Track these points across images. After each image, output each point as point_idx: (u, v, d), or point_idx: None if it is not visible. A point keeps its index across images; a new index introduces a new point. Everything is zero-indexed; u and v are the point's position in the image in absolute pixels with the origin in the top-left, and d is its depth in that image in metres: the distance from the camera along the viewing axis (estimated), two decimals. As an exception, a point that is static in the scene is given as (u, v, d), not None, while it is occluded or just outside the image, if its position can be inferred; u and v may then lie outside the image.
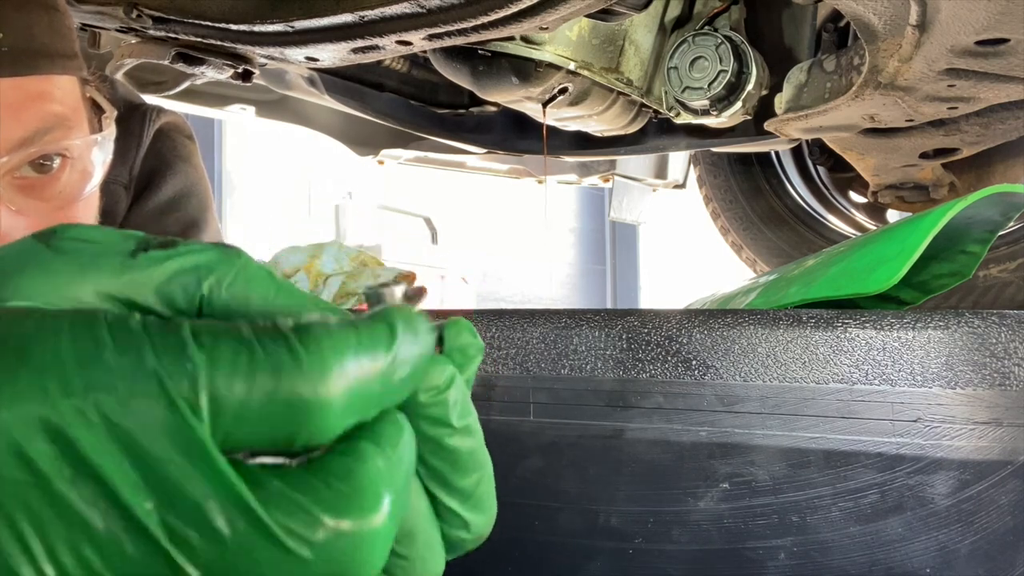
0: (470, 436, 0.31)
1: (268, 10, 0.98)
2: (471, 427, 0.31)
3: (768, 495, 0.57)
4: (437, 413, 0.30)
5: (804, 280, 0.77)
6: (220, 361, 0.23)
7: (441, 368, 0.30)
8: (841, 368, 0.56)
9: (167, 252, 0.26)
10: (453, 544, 0.32)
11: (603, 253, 8.61)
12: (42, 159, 0.60)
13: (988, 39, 0.91)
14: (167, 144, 0.90)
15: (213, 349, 0.23)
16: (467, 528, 0.32)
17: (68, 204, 0.63)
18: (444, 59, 1.33)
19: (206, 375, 0.23)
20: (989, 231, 0.75)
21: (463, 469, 0.31)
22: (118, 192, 0.84)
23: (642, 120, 1.52)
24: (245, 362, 0.23)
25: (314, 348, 0.24)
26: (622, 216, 2.29)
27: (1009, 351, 0.53)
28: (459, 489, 0.31)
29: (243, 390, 0.23)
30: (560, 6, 0.87)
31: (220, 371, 0.23)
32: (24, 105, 0.58)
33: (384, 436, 0.26)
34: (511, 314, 0.66)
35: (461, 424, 0.31)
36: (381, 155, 2.06)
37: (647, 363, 0.60)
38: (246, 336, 0.23)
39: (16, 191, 0.59)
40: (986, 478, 0.53)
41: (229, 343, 0.23)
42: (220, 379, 0.23)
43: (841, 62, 1.17)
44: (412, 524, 0.30)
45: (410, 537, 0.30)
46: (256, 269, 0.27)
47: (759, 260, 2.10)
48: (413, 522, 0.30)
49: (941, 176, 1.58)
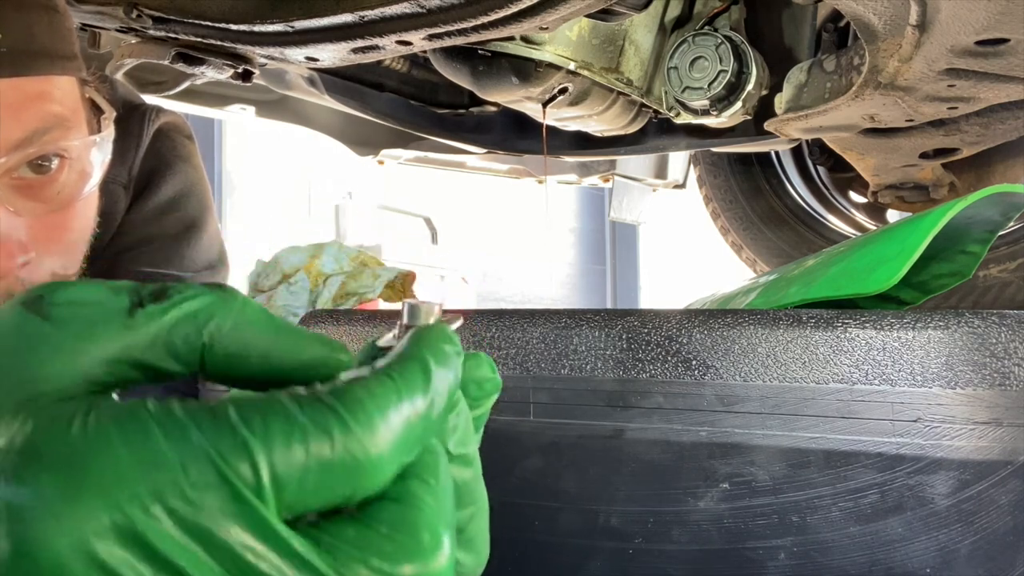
0: (467, 467, 0.31)
1: (268, 10, 0.98)
2: (469, 457, 0.31)
3: (768, 495, 0.57)
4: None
5: (804, 280, 0.77)
6: (274, 441, 0.23)
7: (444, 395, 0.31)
8: (841, 368, 0.56)
9: (162, 305, 0.26)
10: None
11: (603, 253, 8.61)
12: (40, 159, 0.60)
13: (988, 39, 0.91)
14: (166, 144, 0.89)
15: (265, 430, 0.23)
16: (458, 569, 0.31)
17: (66, 205, 0.63)
18: (444, 59, 1.33)
19: (265, 458, 0.23)
20: (989, 231, 0.75)
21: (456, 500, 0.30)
22: (117, 192, 0.84)
23: (642, 120, 1.52)
24: (299, 438, 0.23)
25: (359, 409, 0.24)
26: (622, 216, 2.29)
27: (1009, 351, 0.53)
28: None
29: (300, 464, 0.23)
30: (560, 6, 0.87)
31: (276, 451, 0.23)
32: (23, 105, 0.58)
33: (428, 469, 0.27)
34: (511, 314, 0.66)
35: (458, 452, 0.31)
36: (381, 155, 2.06)
37: (647, 363, 0.60)
38: (292, 411, 0.24)
39: (14, 192, 0.59)
40: (986, 478, 0.53)
41: (278, 421, 0.24)
42: (277, 459, 0.23)
43: (841, 62, 1.17)
44: None
45: None
46: (253, 310, 0.27)
47: (759, 260, 2.10)
48: None
49: (941, 176, 1.58)
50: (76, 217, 0.65)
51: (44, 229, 0.62)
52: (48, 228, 0.62)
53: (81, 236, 0.66)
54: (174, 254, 0.86)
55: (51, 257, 0.63)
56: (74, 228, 0.65)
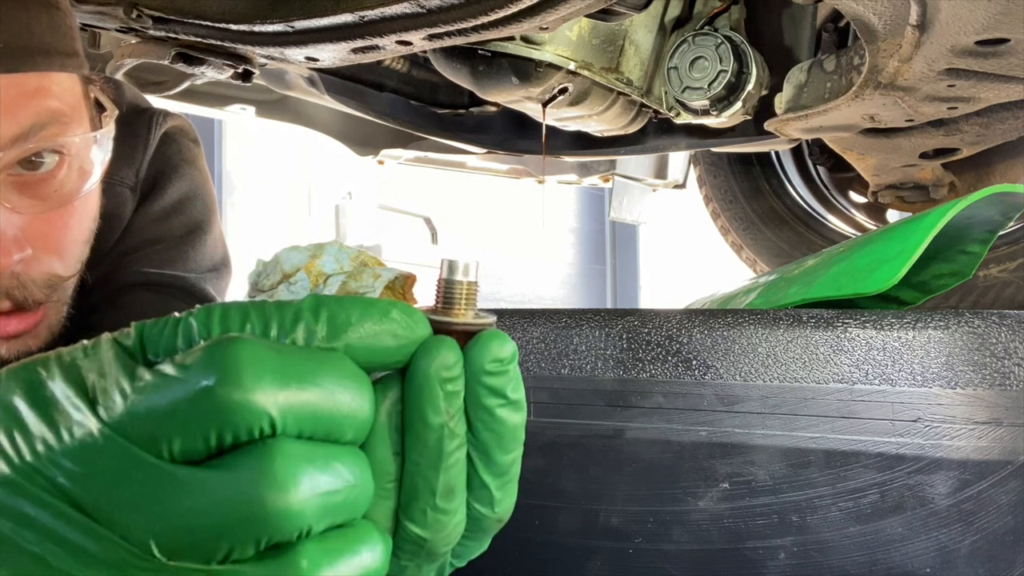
0: (519, 411, 0.34)
1: (268, 10, 0.98)
2: (521, 404, 0.34)
3: (768, 495, 0.57)
4: (498, 384, 0.33)
5: (804, 280, 0.77)
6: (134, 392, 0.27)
7: (507, 344, 0.33)
8: (841, 368, 0.56)
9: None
10: (475, 520, 0.34)
11: (603, 253, 8.60)
12: (37, 156, 0.60)
13: (988, 39, 0.91)
14: (173, 148, 0.90)
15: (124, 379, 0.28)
16: (492, 506, 0.34)
17: (65, 203, 0.63)
18: (444, 59, 1.32)
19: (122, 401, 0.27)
20: (989, 231, 0.75)
21: (506, 443, 0.33)
22: (124, 194, 0.84)
23: (642, 120, 1.52)
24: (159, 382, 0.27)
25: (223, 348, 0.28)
26: (622, 216, 2.29)
27: (1009, 351, 0.53)
28: (498, 464, 0.33)
29: (158, 401, 0.27)
30: (560, 6, 0.87)
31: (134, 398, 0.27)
32: (20, 101, 0.58)
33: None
34: (511, 314, 0.66)
35: (515, 396, 0.33)
36: (381, 155, 2.06)
37: (647, 363, 0.60)
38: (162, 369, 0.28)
39: (12, 188, 0.59)
40: (986, 478, 0.53)
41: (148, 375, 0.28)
42: (133, 402, 0.27)
43: (841, 62, 1.17)
44: (455, 481, 0.33)
45: (451, 493, 0.33)
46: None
47: (759, 260, 2.10)
48: (456, 480, 0.33)
49: (941, 176, 1.58)
50: (75, 216, 0.64)
51: (42, 227, 0.61)
52: (46, 226, 0.62)
53: (80, 236, 0.66)
54: (179, 256, 0.86)
55: (48, 256, 0.62)
56: (72, 227, 0.64)
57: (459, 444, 0.32)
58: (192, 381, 0.27)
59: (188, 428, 0.26)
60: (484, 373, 0.32)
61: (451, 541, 0.33)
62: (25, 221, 0.60)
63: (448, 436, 0.32)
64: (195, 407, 0.26)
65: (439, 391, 0.31)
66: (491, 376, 0.32)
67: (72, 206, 0.64)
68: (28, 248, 0.60)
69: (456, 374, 0.32)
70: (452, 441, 0.32)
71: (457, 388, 0.32)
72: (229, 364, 0.27)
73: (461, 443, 0.32)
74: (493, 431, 0.33)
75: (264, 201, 6.13)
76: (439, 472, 0.32)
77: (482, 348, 0.33)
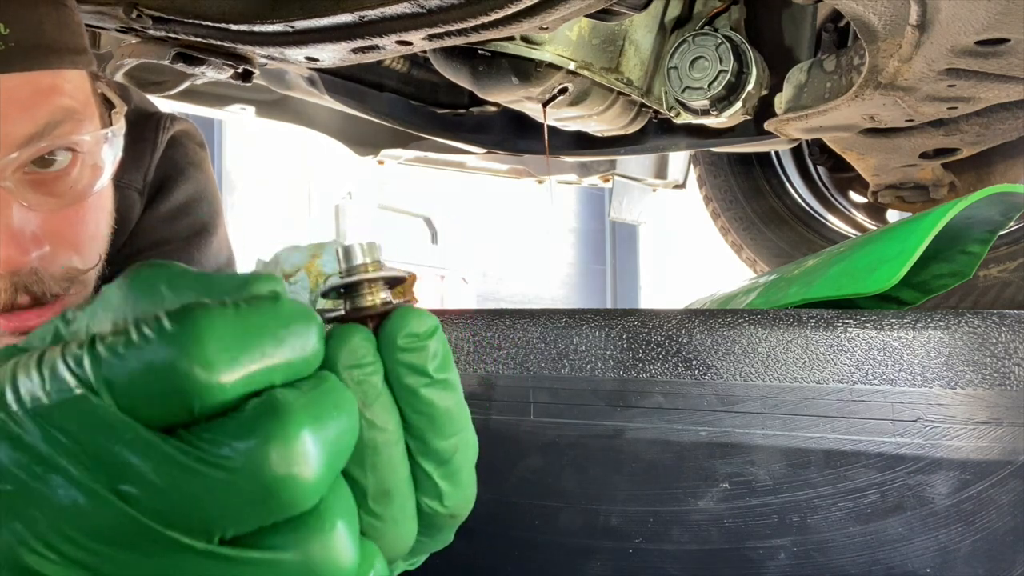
0: (448, 392, 0.32)
1: (268, 10, 0.98)
2: (450, 383, 0.32)
3: (768, 495, 0.57)
4: (414, 360, 0.31)
5: (804, 280, 0.77)
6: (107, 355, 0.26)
7: (421, 316, 0.31)
8: (841, 368, 0.56)
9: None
10: (427, 516, 0.32)
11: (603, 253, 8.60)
12: (51, 154, 0.60)
13: (988, 39, 0.91)
14: (179, 151, 0.91)
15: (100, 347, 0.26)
16: (441, 499, 0.32)
17: (80, 199, 0.63)
18: (444, 59, 1.33)
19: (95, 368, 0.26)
20: (989, 231, 0.75)
21: (439, 428, 0.31)
22: (132, 197, 0.85)
23: (642, 120, 1.52)
24: (122, 344, 0.26)
25: (187, 323, 0.25)
26: (622, 216, 2.29)
27: (1009, 351, 0.53)
28: (436, 451, 0.31)
29: (127, 371, 0.25)
30: (560, 6, 0.87)
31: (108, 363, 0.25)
32: (34, 100, 0.58)
33: (308, 384, 0.28)
34: (511, 314, 0.66)
35: (439, 376, 0.31)
36: (381, 155, 2.06)
37: (647, 363, 0.60)
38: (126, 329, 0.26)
39: (27, 187, 0.59)
40: (986, 478, 0.53)
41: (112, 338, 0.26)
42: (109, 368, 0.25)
43: (841, 62, 1.17)
44: (389, 483, 0.30)
45: (386, 497, 0.30)
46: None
47: (759, 260, 2.10)
48: (390, 481, 0.31)
49: (941, 176, 1.58)
50: (90, 212, 0.65)
51: (58, 224, 0.62)
52: (62, 223, 0.62)
53: (97, 231, 0.67)
54: (185, 257, 0.87)
55: (66, 251, 0.63)
56: (88, 223, 0.65)
57: (387, 439, 0.30)
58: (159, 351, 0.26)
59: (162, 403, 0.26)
60: (399, 350, 0.30)
61: (399, 548, 0.31)
62: (42, 218, 0.61)
63: (368, 427, 0.30)
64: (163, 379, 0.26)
65: (347, 380, 0.29)
66: (406, 352, 0.31)
67: (87, 202, 0.64)
68: (46, 245, 0.61)
69: (364, 360, 0.30)
70: (375, 433, 0.30)
71: (367, 374, 0.30)
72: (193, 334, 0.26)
73: (390, 437, 0.30)
74: (423, 414, 0.31)
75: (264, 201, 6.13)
76: (365, 471, 0.30)
77: (394, 325, 0.31)
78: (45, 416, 0.25)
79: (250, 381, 0.26)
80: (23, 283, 0.59)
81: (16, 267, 0.59)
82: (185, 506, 0.25)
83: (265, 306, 0.27)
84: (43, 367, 0.26)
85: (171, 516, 0.25)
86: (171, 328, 0.25)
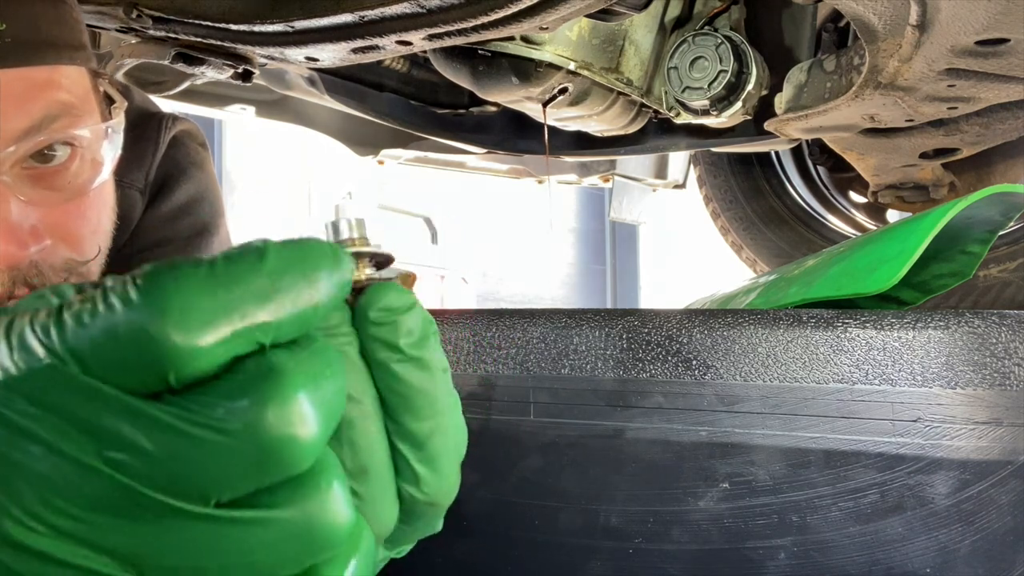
0: (424, 371, 0.31)
1: (268, 10, 0.98)
2: (426, 363, 0.31)
3: (768, 495, 0.57)
4: (385, 334, 0.30)
5: (804, 280, 0.77)
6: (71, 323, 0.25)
7: (399, 293, 0.31)
8: (841, 368, 0.56)
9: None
10: (405, 500, 0.31)
11: (603, 253, 8.60)
12: (50, 148, 0.60)
13: (988, 39, 0.91)
14: (181, 151, 0.91)
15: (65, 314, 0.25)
16: (418, 484, 0.31)
17: (79, 194, 0.63)
18: (444, 59, 1.33)
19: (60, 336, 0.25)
20: (989, 231, 0.75)
21: (415, 409, 0.31)
22: (134, 197, 0.85)
23: (642, 120, 1.52)
24: (88, 312, 0.25)
25: (152, 286, 0.25)
26: (622, 216, 2.29)
27: (1009, 351, 0.53)
28: (412, 433, 0.31)
29: (91, 338, 0.24)
30: (560, 6, 0.87)
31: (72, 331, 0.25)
32: (30, 95, 0.58)
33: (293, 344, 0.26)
34: (511, 314, 0.66)
35: (413, 353, 0.31)
36: (381, 155, 2.06)
37: (647, 363, 0.60)
38: (92, 295, 0.25)
39: (26, 181, 0.60)
40: (986, 478, 0.53)
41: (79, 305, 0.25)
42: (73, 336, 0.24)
43: (841, 62, 1.17)
44: (366, 461, 0.30)
45: (364, 475, 0.30)
46: None
47: (759, 260, 2.10)
48: (367, 459, 0.30)
49: (941, 176, 1.58)
50: (91, 206, 0.65)
51: (58, 218, 0.62)
52: (62, 217, 0.62)
53: (98, 226, 0.67)
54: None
55: (65, 246, 0.63)
56: (89, 216, 0.65)
57: (363, 412, 0.30)
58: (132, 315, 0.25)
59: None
60: (371, 324, 0.30)
61: (379, 530, 0.31)
62: (41, 213, 0.61)
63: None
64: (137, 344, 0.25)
65: None
66: (378, 327, 0.30)
67: (87, 197, 0.64)
68: (45, 240, 0.61)
69: (338, 329, 0.30)
70: (351, 406, 0.29)
71: (341, 344, 0.30)
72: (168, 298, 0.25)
73: (366, 411, 0.30)
74: (397, 393, 0.30)
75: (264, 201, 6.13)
76: (342, 445, 0.29)
77: (368, 298, 0.30)
78: (15, 387, 0.25)
79: (233, 343, 0.25)
80: (23, 276, 0.60)
81: (14, 262, 0.59)
82: (180, 471, 0.24)
83: (246, 262, 0.26)
84: (11, 335, 0.25)
85: (165, 481, 0.24)
86: (136, 292, 0.24)
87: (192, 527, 0.25)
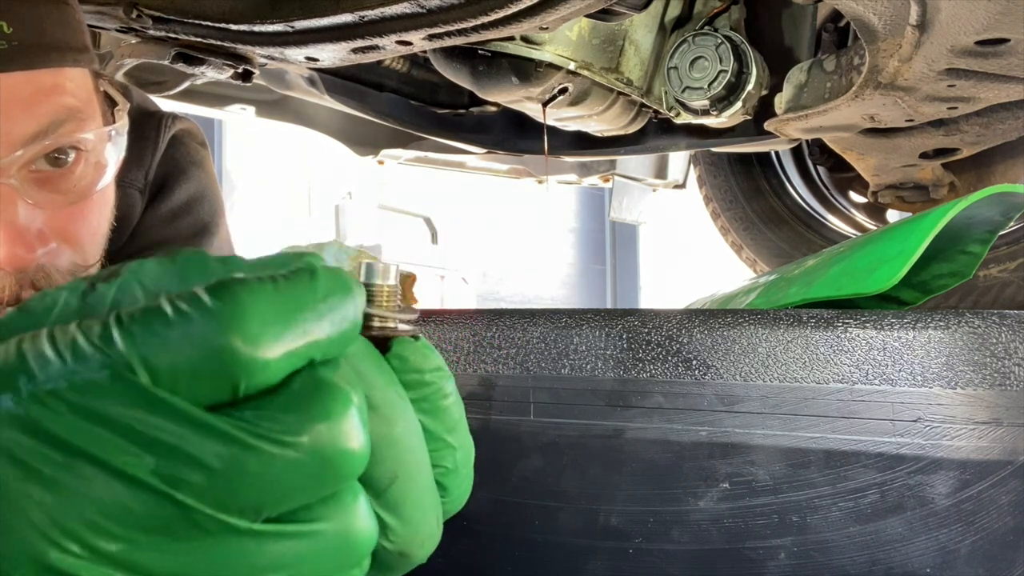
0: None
1: (268, 10, 0.98)
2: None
3: (768, 495, 0.57)
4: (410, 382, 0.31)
5: (804, 280, 0.77)
6: (141, 332, 0.24)
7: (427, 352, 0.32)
8: (841, 368, 0.56)
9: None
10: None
11: (603, 253, 8.60)
12: (56, 152, 0.60)
13: (988, 39, 0.91)
14: (181, 150, 0.91)
15: (131, 323, 0.24)
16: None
17: (84, 197, 0.64)
18: (444, 59, 1.33)
19: (129, 345, 0.24)
20: (989, 231, 0.75)
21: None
22: (134, 196, 0.85)
23: (642, 120, 1.52)
24: (159, 321, 0.24)
25: (227, 299, 0.25)
26: (622, 216, 2.29)
27: (1009, 351, 0.53)
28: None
29: (166, 349, 0.24)
30: (560, 6, 0.87)
31: (143, 340, 0.24)
32: (37, 99, 0.58)
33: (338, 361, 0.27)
34: (511, 314, 0.66)
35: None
36: (381, 155, 2.06)
37: (647, 363, 0.60)
38: (159, 305, 0.25)
39: (32, 184, 0.60)
40: (986, 478, 0.53)
41: (145, 314, 0.25)
42: (145, 346, 0.24)
43: (841, 62, 1.17)
44: None
45: None
46: None
47: (759, 260, 2.10)
48: None
49: (941, 176, 1.58)
50: (94, 209, 0.65)
51: (63, 221, 0.62)
52: (67, 219, 0.63)
53: (100, 228, 0.67)
54: None
55: (71, 248, 0.63)
56: (92, 220, 0.66)
57: None
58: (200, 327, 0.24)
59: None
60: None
61: None
62: (47, 216, 0.61)
63: None
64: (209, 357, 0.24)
65: None
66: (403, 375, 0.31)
67: (91, 199, 0.64)
68: (52, 242, 0.61)
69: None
70: None
71: None
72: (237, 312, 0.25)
73: None
74: None
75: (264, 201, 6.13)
76: None
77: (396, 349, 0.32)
78: (68, 399, 0.24)
79: (293, 358, 0.25)
80: (30, 279, 0.60)
81: (22, 265, 0.59)
82: (242, 486, 0.24)
83: (303, 280, 0.26)
84: (59, 345, 0.24)
85: (224, 497, 0.24)
86: (211, 303, 0.24)
87: (239, 543, 0.24)
